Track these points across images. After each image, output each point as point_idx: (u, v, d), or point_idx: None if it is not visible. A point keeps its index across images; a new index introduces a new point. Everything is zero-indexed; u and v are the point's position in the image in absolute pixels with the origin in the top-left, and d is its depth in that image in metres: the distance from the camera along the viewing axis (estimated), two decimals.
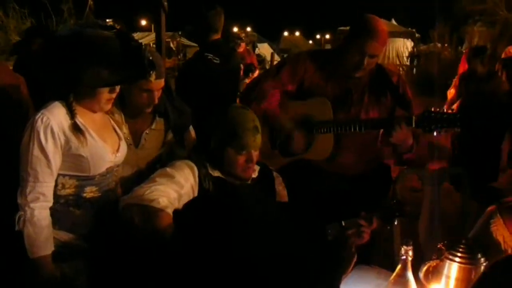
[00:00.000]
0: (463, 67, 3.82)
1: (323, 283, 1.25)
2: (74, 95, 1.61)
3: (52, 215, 1.61)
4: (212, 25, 2.82)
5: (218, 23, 2.85)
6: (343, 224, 1.54)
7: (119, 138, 1.77)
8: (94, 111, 1.68)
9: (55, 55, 1.62)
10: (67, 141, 1.58)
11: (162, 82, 1.84)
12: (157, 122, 1.96)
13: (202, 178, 1.71)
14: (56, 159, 1.58)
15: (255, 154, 1.75)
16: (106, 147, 1.68)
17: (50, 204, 1.60)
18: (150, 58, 1.67)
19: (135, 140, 1.91)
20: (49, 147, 1.55)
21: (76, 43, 1.58)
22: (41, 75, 1.69)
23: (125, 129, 1.88)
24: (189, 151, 1.90)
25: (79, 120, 1.62)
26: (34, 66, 1.70)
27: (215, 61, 2.73)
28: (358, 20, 2.06)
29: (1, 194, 1.66)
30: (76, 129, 1.59)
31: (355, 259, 1.49)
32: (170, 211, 1.56)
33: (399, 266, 1.29)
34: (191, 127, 2.08)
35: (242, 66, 5.50)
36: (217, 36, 2.85)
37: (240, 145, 1.70)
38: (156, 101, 1.85)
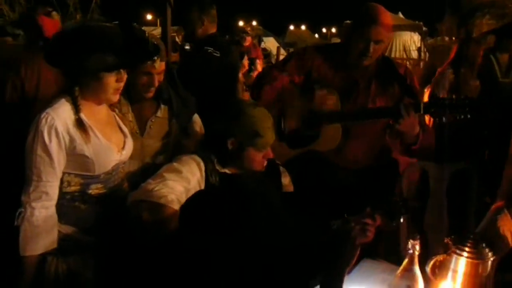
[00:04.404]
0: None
1: (326, 274, 1.26)
2: (80, 87, 1.61)
3: (57, 210, 1.62)
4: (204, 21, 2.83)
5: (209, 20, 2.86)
6: (346, 216, 1.55)
7: (125, 136, 1.77)
8: (101, 103, 1.68)
9: (60, 46, 1.63)
10: (72, 140, 1.59)
11: (162, 65, 1.85)
12: (161, 110, 1.96)
13: (209, 173, 1.72)
14: (60, 159, 1.58)
15: (270, 148, 1.79)
16: (111, 146, 1.68)
17: (53, 202, 1.61)
18: (155, 43, 1.69)
19: (140, 128, 1.91)
20: (53, 147, 1.56)
21: (80, 33, 1.61)
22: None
23: (131, 117, 1.88)
24: (195, 146, 1.91)
25: (84, 117, 1.62)
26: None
27: (215, 54, 2.74)
28: (360, 9, 2.08)
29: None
30: (80, 125, 1.60)
31: (358, 252, 1.49)
32: (177, 207, 1.58)
33: (406, 260, 1.29)
34: (198, 119, 2.08)
35: (247, 60, 5.49)
36: (214, 29, 2.86)
37: (262, 144, 1.74)
38: (156, 84, 1.85)
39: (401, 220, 1.59)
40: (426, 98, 2.37)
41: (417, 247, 1.27)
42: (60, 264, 1.65)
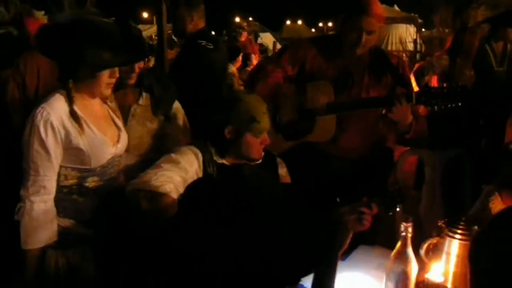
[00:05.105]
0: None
1: (319, 258, 1.28)
2: (74, 80, 1.63)
3: (55, 203, 1.64)
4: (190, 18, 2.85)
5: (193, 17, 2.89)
6: (338, 200, 1.57)
7: (119, 130, 1.79)
8: (94, 96, 1.70)
9: (56, 39, 1.64)
10: (67, 134, 1.61)
11: None
12: (144, 98, 1.98)
13: (207, 164, 1.74)
14: (56, 153, 1.60)
15: (266, 135, 1.82)
16: (106, 139, 1.70)
17: (51, 196, 1.63)
18: (150, 43, 1.70)
19: (123, 115, 1.92)
20: (49, 141, 1.57)
21: (77, 26, 1.62)
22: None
23: (114, 106, 1.90)
24: (179, 134, 1.93)
25: (77, 110, 1.63)
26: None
27: (209, 46, 2.78)
28: (352, 0, 2.10)
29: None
30: (73, 116, 1.61)
31: (350, 236, 1.51)
32: (175, 196, 1.61)
33: (399, 243, 1.31)
34: (180, 107, 2.10)
35: (242, 56, 5.50)
36: (203, 24, 2.89)
37: (259, 129, 1.76)
38: (137, 70, 1.87)
39: (397, 209, 1.61)
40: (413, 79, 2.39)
41: (410, 229, 1.29)
42: (59, 257, 1.68)
